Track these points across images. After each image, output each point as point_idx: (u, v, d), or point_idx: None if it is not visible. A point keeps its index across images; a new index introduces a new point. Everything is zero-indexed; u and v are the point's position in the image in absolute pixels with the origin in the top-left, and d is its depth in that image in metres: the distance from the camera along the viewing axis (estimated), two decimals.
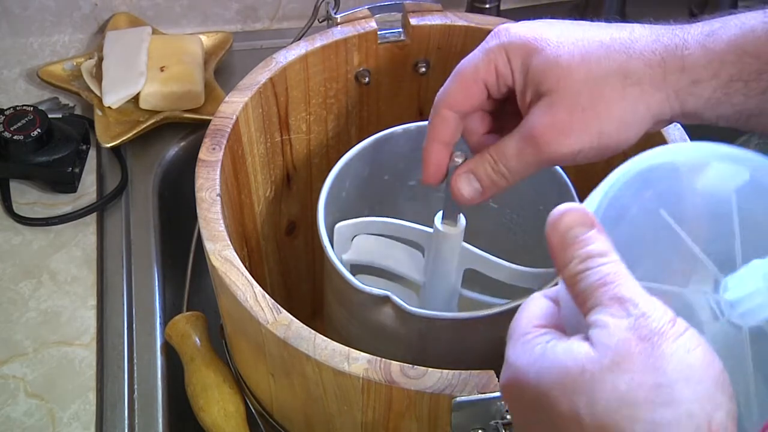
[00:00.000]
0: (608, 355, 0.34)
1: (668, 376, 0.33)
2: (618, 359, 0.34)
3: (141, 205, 0.76)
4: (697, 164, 0.41)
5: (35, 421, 0.63)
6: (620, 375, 0.34)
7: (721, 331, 0.38)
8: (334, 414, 0.51)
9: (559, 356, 0.35)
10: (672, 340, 0.34)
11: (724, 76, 0.49)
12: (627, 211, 0.40)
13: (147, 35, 0.84)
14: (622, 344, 0.34)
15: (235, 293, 0.49)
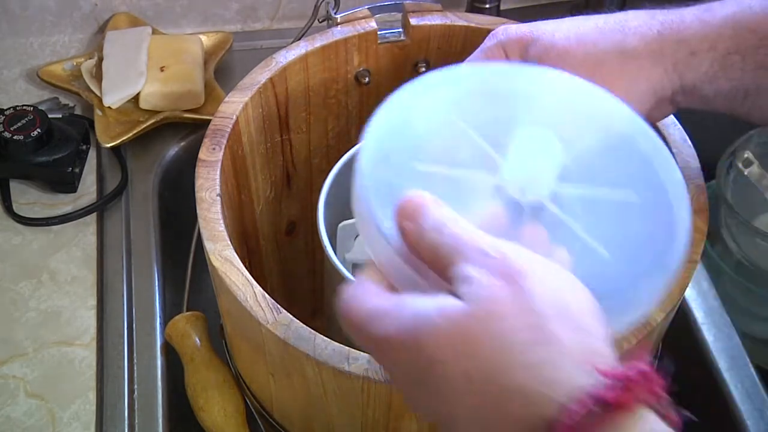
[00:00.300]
0: (481, 306, 0.34)
1: (540, 315, 0.34)
2: (490, 308, 0.34)
3: (141, 205, 0.76)
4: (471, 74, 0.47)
5: (35, 421, 0.63)
6: (496, 324, 0.34)
7: (505, 207, 0.41)
8: (334, 414, 0.51)
9: (433, 317, 0.35)
10: (536, 277, 0.35)
11: (721, 49, 0.49)
12: (416, 112, 0.44)
13: (147, 35, 0.84)
14: (491, 292, 0.34)
15: (235, 293, 0.49)
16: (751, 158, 0.81)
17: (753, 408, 0.65)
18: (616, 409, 0.32)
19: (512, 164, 0.42)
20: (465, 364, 0.34)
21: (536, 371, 0.33)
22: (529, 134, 0.42)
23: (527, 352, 0.34)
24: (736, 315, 0.72)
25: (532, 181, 0.42)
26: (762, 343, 0.84)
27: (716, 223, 0.84)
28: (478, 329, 0.34)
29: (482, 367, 0.34)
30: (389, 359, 0.37)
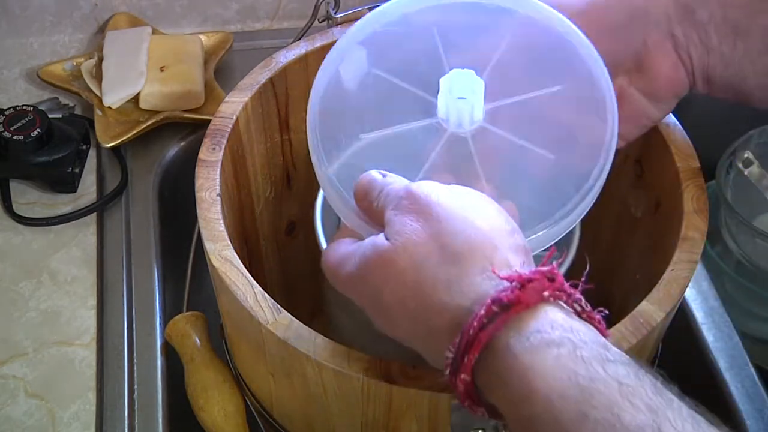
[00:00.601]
0: (399, 240, 0.41)
1: (447, 235, 0.40)
2: (406, 241, 0.40)
3: (141, 205, 0.76)
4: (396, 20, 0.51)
5: (35, 421, 0.63)
6: (412, 253, 0.40)
7: (450, 141, 0.48)
8: (334, 414, 0.51)
9: (369, 253, 0.42)
10: (441, 203, 0.41)
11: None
12: (350, 82, 0.50)
13: (147, 35, 0.84)
14: (404, 225, 0.41)
15: (235, 293, 0.49)
16: (751, 158, 0.81)
17: (753, 408, 0.65)
18: (516, 307, 0.37)
19: (443, 103, 0.47)
20: (397, 291, 0.40)
21: (449, 286, 0.39)
22: (451, 77, 0.47)
23: (440, 271, 0.39)
24: (736, 315, 0.72)
25: (466, 111, 0.47)
26: (762, 343, 0.84)
27: (716, 223, 0.84)
28: (401, 260, 0.40)
29: (409, 291, 0.40)
30: (357, 293, 0.43)
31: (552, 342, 0.36)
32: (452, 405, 0.45)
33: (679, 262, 0.51)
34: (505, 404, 0.37)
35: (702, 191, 0.54)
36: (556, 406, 0.34)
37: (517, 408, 0.36)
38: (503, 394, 0.37)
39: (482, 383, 0.38)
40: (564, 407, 0.34)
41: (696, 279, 0.72)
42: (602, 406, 0.34)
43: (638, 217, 0.62)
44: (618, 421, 0.33)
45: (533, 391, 0.35)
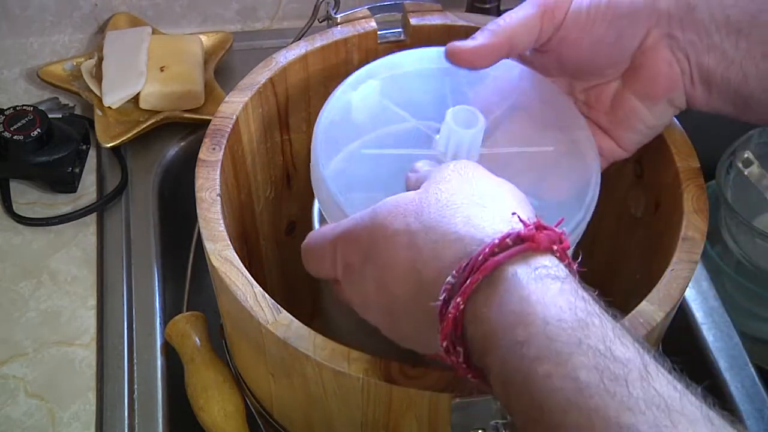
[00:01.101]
0: (430, 179, 0.43)
1: (479, 191, 0.42)
2: (438, 179, 0.43)
3: (141, 205, 0.76)
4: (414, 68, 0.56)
5: (35, 421, 0.63)
6: (442, 188, 0.42)
7: None
8: (334, 414, 0.51)
9: (391, 199, 0.43)
10: (477, 171, 0.44)
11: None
12: (360, 106, 0.54)
13: (147, 35, 0.84)
14: (441, 172, 0.44)
15: (235, 293, 0.49)
16: (751, 158, 0.81)
17: (753, 408, 0.65)
18: (530, 244, 0.38)
19: (444, 133, 0.50)
20: (408, 220, 0.42)
21: (470, 220, 0.40)
22: (456, 110, 0.50)
23: (464, 207, 0.41)
24: (736, 315, 0.72)
25: (461, 148, 0.50)
26: (762, 343, 0.84)
27: (716, 223, 0.84)
28: (428, 195, 0.42)
29: (425, 220, 0.41)
30: (344, 252, 0.45)
31: (557, 277, 0.37)
32: (452, 405, 0.45)
33: (679, 262, 0.51)
34: (494, 333, 0.37)
35: (702, 191, 0.54)
36: (552, 329, 0.35)
37: (508, 333, 0.36)
38: (498, 320, 0.37)
39: (472, 312, 0.38)
40: (560, 331, 0.35)
41: (696, 279, 0.72)
42: (596, 336, 0.35)
43: (638, 217, 0.62)
44: (609, 351, 0.35)
45: (530, 315, 0.36)
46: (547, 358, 0.35)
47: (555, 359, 0.35)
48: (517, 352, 0.36)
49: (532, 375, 0.35)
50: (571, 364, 0.34)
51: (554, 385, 0.34)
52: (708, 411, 0.34)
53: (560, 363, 0.35)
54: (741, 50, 0.50)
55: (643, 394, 0.33)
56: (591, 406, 0.33)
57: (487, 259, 0.38)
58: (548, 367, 0.35)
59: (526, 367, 0.35)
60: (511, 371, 0.36)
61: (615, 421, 0.33)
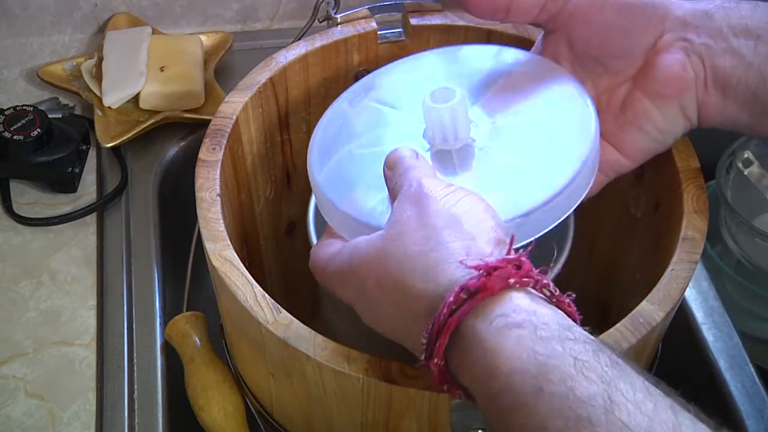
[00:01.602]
0: (392, 228, 0.43)
1: (433, 228, 0.42)
2: (398, 228, 0.43)
3: (141, 205, 0.76)
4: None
5: (35, 421, 0.63)
6: (401, 241, 0.42)
7: (437, 158, 0.51)
8: (334, 414, 0.51)
9: (362, 247, 0.45)
10: (438, 199, 0.43)
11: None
12: (351, 112, 0.56)
13: (147, 35, 0.84)
14: (399, 214, 0.44)
15: (235, 293, 0.49)
16: (751, 158, 0.81)
17: (753, 408, 0.65)
18: (482, 293, 0.39)
19: (426, 120, 0.51)
20: (382, 280, 0.42)
21: (426, 273, 0.41)
22: (433, 91, 0.50)
23: (421, 259, 0.41)
24: (736, 315, 0.72)
25: (446, 128, 0.50)
26: (762, 343, 0.84)
27: (716, 223, 0.84)
28: (389, 247, 0.43)
29: (390, 277, 0.42)
30: (344, 287, 0.46)
31: (514, 324, 0.38)
32: (452, 405, 0.45)
33: (679, 262, 0.51)
34: (474, 384, 0.39)
35: (702, 191, 0.54)
36: (516, 382, 0.37)
37: (484, 386, 0.38)
38: (472, 375, 0.39)
39: (455, 366, 0.40)
40: (522, 382, 0.37)
41: (696, 279, 0.72)
42: (557, 379, 0.36)
43: (638, 217, 0.62)
44: (571, 392, 0.35)
45: (496, 369, 0.37)
46: (517, 409, 0.37)
47: (524, 411, 0.36)
48: (494, 403, 0.38)
49: (512, 426, 0.37)
50: (538, 415, 0.36)
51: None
52: (680, 424, 0.35)
53: (530, 414, 0.36)
54: (760, 54, 0.50)
55: (608, 429, 0.34)
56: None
57: (448, 318, 0.39)
58: (521, 419, 0.36)
59: (505, 418, 0.37)
60: (493, 422, 0.38)
61: None
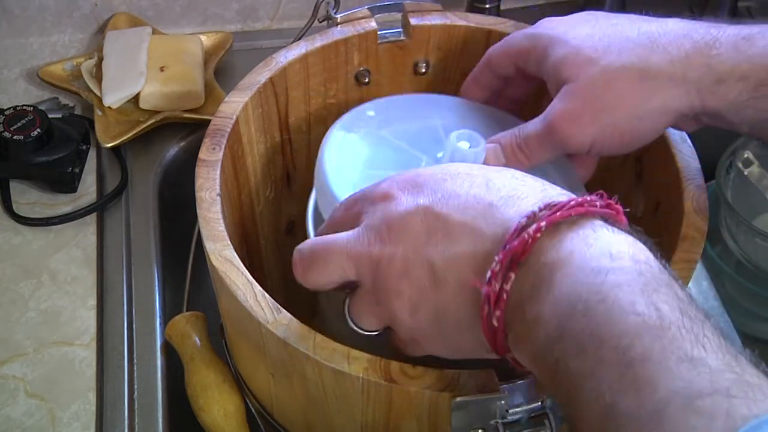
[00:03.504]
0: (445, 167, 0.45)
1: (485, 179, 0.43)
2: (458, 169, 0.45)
3: (141, 205, 0.76)
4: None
5: (35, 421, 0.63)
6: (487, 171, 0.44)
7: None
8: (334, 414, 0.51)
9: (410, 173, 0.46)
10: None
11: (753, 80, 0.48)
12: (359, 134, 0.57)
13: (147, 35, 0.84)
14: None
15: (235, 293, 0.49)
16: (751, 158, 0.81)
17: None
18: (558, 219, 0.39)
19: (448, 151, 0.52)
20: (463, 191, 0.43)
21: (508, 202, 0.41)
22: (459, 133, 0.52)
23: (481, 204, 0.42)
24: (736, 315, 0.72)
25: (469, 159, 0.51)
26: (762, 343, 0.84)
27: (716, 223, 0.84)
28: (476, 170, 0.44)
29: (477, 191, 0.42)
30: (377, 239, 0.44)
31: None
32: (452, 405, 0.45)
33: (679, 262, 0.51)
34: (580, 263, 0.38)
35: (702, 191, 0.54)
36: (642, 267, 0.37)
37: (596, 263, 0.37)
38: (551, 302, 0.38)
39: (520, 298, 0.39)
40: (647, 269, 0.37)
41: (696, 279, 0.72)
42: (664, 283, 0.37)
43: (638, 217, 0.62)
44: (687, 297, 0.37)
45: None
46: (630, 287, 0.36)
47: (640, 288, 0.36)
48: (595, 280, 0.37)
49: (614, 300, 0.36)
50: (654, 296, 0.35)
51: (636, 310, 0.35)
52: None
53: (644, 292, 0.35)
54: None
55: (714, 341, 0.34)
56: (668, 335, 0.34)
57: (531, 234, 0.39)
58: (631, 296, 0.36)
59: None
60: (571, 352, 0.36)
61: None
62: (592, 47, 0.50)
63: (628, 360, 0.34)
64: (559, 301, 0.37)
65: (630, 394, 0.33)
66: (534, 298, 0.38)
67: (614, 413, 0.33)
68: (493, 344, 0.40)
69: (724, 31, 0.50)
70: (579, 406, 0.35)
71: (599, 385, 0.34)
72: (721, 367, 0.33)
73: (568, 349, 0.36)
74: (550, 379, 0.37)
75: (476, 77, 0.60)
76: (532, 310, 0.38)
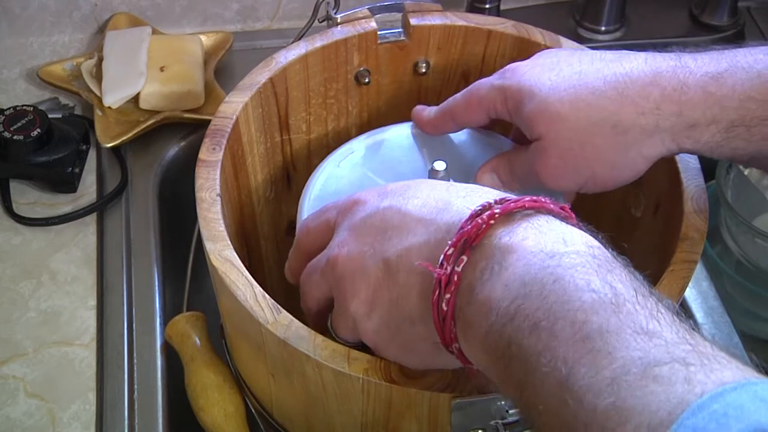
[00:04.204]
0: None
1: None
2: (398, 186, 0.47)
3: (141, 205, 0.76)
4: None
5: (35, 421, 0.63)
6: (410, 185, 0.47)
7: None
8: (334, 414, 0.51)
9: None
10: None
11: (725, 122, 0.48)
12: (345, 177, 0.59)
13: (147, 35, 0.84)
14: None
15: (235, 293, 0.49)
16: None
17: None
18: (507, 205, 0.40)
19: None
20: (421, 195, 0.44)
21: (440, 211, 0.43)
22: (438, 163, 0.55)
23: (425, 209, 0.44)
24: (736, 315, 0.72)
25: None
26: (762, 343, 0.84)
27: (716, 223, 0.84)
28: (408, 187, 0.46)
29: (433, 196, 0.44)
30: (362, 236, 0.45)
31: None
32: (452, 405, 0.45)
33: (679, 262, 0.51)
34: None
35: (702, 191, 0.54)
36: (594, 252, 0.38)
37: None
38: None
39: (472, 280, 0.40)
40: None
41: (696, 279, 0.72)
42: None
43: (638, 217, 0.62)
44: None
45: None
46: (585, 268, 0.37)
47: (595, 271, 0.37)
48: (545, 263, 0.37)
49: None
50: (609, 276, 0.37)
51: (591, 287, 0.36)
52: None
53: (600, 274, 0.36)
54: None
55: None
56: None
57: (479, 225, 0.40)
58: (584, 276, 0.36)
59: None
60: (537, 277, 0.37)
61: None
62: (559, 101, 0.50)
63: (584, 334, 0.34)
64: (512, 282, 0.37)
65: (587, 365, 0.33)
66: (485, 281, 0.38)
67: (570, 384, 0.33)
68: (441, 332, 0.41)
69: (691, 72, 0.49)
70: (533, 385, 0.35)
71: (554, 359, 0.34)
72: (677, 340, 0.33)
73: (521, 327, 0.36)
74: (502, 367, 0.37)
75: (445, 129, 0.60)
76: (483, 291, 0.38)
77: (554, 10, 0.94)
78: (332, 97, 0.66)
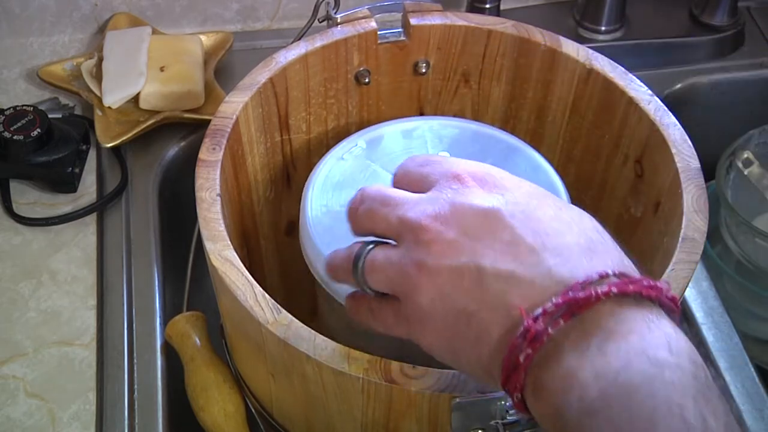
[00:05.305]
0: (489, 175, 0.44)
1: (565, 215, 0.42)
2: (506, 180, 0.44)
3: (141, 205, 0.76)
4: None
5: (35, 421, 0.63)
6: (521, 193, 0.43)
7: None
8: (334, 414, 0.51)
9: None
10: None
11: None
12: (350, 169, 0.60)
13: (147, 35, 0.84)
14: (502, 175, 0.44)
15: (235, 293, 0.49)
16: (751, 158, 0.81)
17: (753, 408, 0.65)
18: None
19: None
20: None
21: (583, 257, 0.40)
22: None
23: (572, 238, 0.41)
24: (736, 315, 0.72)
25: None
26: (762, 343, 0.84)
27: (716, 223, 0.84)
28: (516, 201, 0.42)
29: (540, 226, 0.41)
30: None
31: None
32: (452, 405, 0.45)
33: (679, 262, 0.51)
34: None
35: (702, 191, 0.54)
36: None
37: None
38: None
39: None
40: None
41: (696, 279, 0.72)
42: None
43: (638, 217, 0.62)
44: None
45: None
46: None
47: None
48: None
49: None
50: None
51: (683, 415, 0.34)
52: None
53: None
54: None
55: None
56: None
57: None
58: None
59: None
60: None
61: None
62: None
63: None
64: (606, 374, 0.35)
65: None
66: (577, 357, 0.36)
67: None
68: (505, 378, 0.38)
69: None
70: None
71: None
72: None
73: (600, 427, 0.34)
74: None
75: None
76: (569, 363, 0.36)
77: (554, 10, 0.94)
78: (332, 97, 0.66)
